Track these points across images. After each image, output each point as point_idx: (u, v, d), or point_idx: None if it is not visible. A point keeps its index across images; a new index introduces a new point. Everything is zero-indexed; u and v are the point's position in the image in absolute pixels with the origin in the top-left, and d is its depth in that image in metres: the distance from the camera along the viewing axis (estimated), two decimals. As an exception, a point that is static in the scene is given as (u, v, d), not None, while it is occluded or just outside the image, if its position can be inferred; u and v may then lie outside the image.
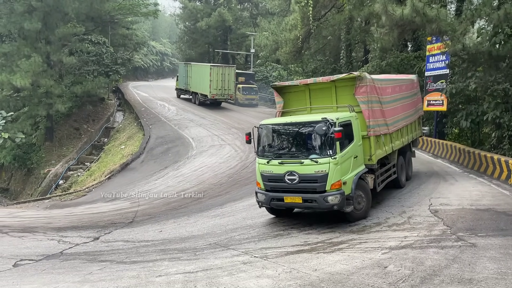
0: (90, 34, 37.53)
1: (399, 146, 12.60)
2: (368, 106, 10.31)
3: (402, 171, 13.26)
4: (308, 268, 6.88)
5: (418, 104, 15.27)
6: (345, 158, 9.53)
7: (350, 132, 9.85)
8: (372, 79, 10.67)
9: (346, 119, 9.83)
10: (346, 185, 9.43)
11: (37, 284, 7.45)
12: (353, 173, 9.74)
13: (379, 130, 10.78)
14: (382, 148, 11.11)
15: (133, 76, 68.88)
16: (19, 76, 27.42)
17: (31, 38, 30.13)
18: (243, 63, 56.86)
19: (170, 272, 7.54)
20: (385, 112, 11.27)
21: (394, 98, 12.30)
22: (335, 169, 9.22)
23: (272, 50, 35.66)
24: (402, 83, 13.48)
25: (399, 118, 12.50)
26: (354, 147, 9.89)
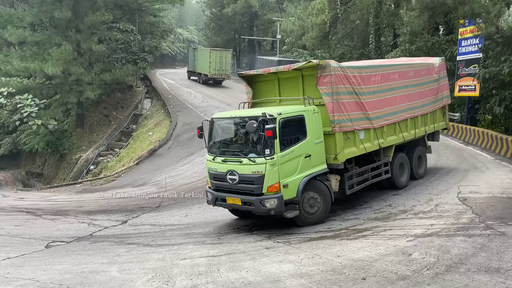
0: (118, 22, 38.03)
1: (395, 142, 11.18)
2: (333, 99, 9.15)
3: (403, 170, 11.75)
4: (331, 254, 6.86)
5: (441, 91, 13.09)
6: (289, 158, 8.57)
7: (302, 128, 8.86)
8: (342, 67, 9.46)
9: (294, 114, 8.82)
10: (289, 188, 8.51)
11: (67, 264, 7.74)
12: (302, 174, 8.74)
13: (350, 125, 9.54)
14: (359, 145, 9.88)
15: (161, 63, 69.57)
16: (51, 64, 28.15)
17: (61, 27, 30.80)
18: (269, 49, 56.51)
19: (194, 255, 7.68)
20: (366, 104, 9.98)
21: (387, 87, 10.76)
22: (272, 171, 8.33)
23: (298, 36, 35.29)
24: (405, 68, 11.73)
25: (395, 110, 11.02)
26: (305, 145, 8.83)
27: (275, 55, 48.95)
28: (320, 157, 9.16)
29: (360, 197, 11.07)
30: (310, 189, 8.94)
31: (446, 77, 13.53)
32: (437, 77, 12.94)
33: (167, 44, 67.79)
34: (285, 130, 8.62)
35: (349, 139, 9.62)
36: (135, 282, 6.37)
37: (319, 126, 9.14)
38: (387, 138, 10.87)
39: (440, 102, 13.09)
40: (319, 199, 9.09)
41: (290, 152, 8.64)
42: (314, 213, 9.08)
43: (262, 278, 6.09)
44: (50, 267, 7.61)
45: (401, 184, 11.61)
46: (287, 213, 8.58)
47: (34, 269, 7.53)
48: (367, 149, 10.10)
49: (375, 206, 10.25)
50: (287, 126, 8.65)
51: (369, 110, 10.06)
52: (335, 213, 9.95)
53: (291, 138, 8.76)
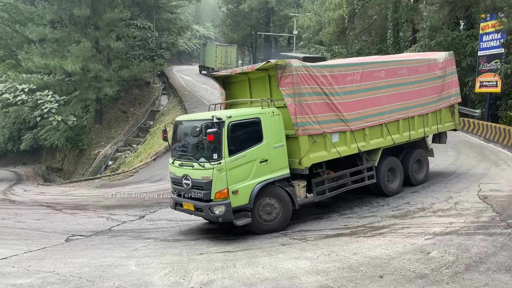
0: (136, 19, 38.37)
1: (383, 145, 10.40)
2: (295, 100, 8.67)
3: (394, 175, 10.90)
4: (348, 252, 6.82)
5: (447, 89, 11.98)
6: (239, 163, 8.19)
7: (257, 132, 8.47)
8: (306, 67, 8.93)
9: (248, 117, 8.47)
10: (239, 195, 8.14)
11: (86, 258, 7.89)
12: (256, 180, 8.33)
13: (318, 128, 9.00)
14: (330, 149, 9.27)
15: (177, 60, 70.01)
16: (70, 61, 28.58)
17: (80, 24, 31.22)
18: (286, 45, 56.26)
19: (210, 250, 7.73)
20: (340, 105, 9.39)
21: (369, 86, 10.06)
22: (219, 176, 8.00)
23: (315, 31, 35.01)
24: (395, 66, 10.82)
25: (381, 111, 10.25)
26: (260, 150, 8.42)
27: (291, 51, 48.75)
28: (280, 162, 8.70)
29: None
30: (267, 195, 8.53)
31: (454, 73, 12.40)
32: (441, 73, 11.81)
33: (183, 41, 68.13)
34: (236, 134, 8.25)
35: (317, 143, 9.03)
36: (152, 276, 6.46)
37: (279, 129, 8.70)
38: (370, 141, 10.10)
39: (446, 101, 11.97)
40: (277, 205, 8.64)
41: (241, 156, 8.23)
42: (272, 220, 8.64)
43: (278, 274, 6.09)
44: (70, 261, 7.76)
45: (389, 191, 10.71)
46: (237, 221, 8.20)
47: (54, 262, 7.70)
48: (341, 153, 9.45)
49: (393, 203, 10.13)
50: (238, 130, 8.30)
51: (344, 111, 9.46)
52: (352, 210, 9.88)
53: (243, 142, 8.36)
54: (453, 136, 18.76)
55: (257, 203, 8.47)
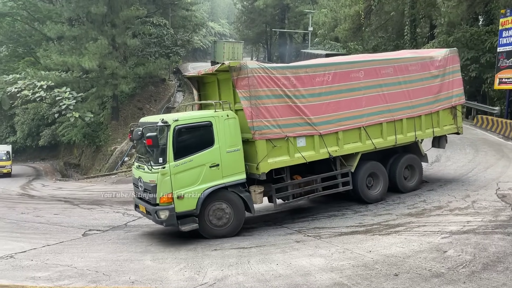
0: (152, 16, 38.65)
1: (361, 150, 9.81)
2: (251, 103, 8.36)
3: (376, 181, 10.27)
4: (362, 249, 6.78)
5: (447, 89, 11.08)
6: (186, 168, 8.02)
7: (208, 136, 8.29)
8: (264, 68, 8.61)
9: (197, 121, 8.33)
10: (184, 200, 7.97)
11: (103, 252, 8.01)
12: (206, 185, 8.14)
13: (278, 132, 8.65)
14: (294, 154, 8.87)
15: (193, 57, 70.27)
16: (87, 58, 28.98)
17: (97, 22, 31.61)
18: (301, 42, 55.99)
19: (225, 246, 7.77)
20: (306, 108, 8.98)
21: (344, 87, 9.53)
22: (163, 180, 7.89)
23: (331, 28, 34.76)
24: (377, 65, 10.09)
25: (359, 113, 9.68)
26: (210, 154, 8.23)
27: (306, 48, 48.48)
28: (235, 167, 8.45)
29: (393, 192, 10.85)
30: (218, 200, 8.36)
31: (457, 72, 11.37)
32: (438, 72, 10.92)
33: (199, 38, 68.34)
34: (184, 137, 8.11)
35: (277, 147, 8.67)
36: (167, 271, 6.52)
37: (234, 133, 8.46)
38: (345, 146, 9.57)
39: (445, 102, 11.04)
40: (229, 211, 8.43)
41: (188, 161, 8.05)
42: (223, 225, 8.44)
43: (292, 271, 6.09)
44: (86, 255, 7.89)
45: (369, 198, 10.08)
46: (182, 226, 8.07)
47: (71, 256, 7.84)
48: (307, 158, 9.01)
49: (409, 201, 10.02)
50: (186, 134, 8.15)
51: (311, 114, 9.03)
52: (367, 208, 9.81)
53: (192, 146, 8.19)
54: (471, 134, 18.49)
55: (208, 207, 8.29)
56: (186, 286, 5.76)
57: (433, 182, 11.69)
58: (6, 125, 42.81)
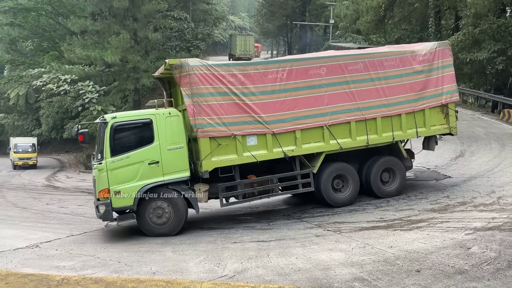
0: (173, 10, 38.84)
1: (324, 150, 9.36)
2: (193, 101, 8.36)
3: (345, 184, 9.75)
4: (383, 245, 6.69)
5: (434, 86, 10.21)
6: (123, 164, 8.17)
7: (148, 133, 8.39)
8: (207, 66, 8.58)
9: (136, 118, 8.53)
10: (121, 195, 8.11)
11: (125, 243, 8.18)
12: (143, 181, 8.22)
13: (223, 129, 8.55)
14: (243, 152, 8.71)
15: (213, 51, 70.43)
16: (110, 53, 29.35)
17: (119, 16, 31.94)
18: (322, 34, 55.43)
19: (244, 239, 7.80)
20: (256, 105, 8.79)
21: (302, 84, 9.15)
22: (100, 176, 8.18)
23: (352, 20, 34.26)
24: (343, 61, 9.58)
25: (321, 112, 9.25)
26: (150, 151, 8.32)
27: (327, 41, 47.91)
28: (177, 164, 8.48)
29: (415, 187, 10.69)
30: (158, 198, 8.37)
31: (448, 66, 10.39)
32: (422, 68, 10.12)
33: (219, 32, 68.49)
34: (122, 135, 8.31)
35: (223, 145, 8.56)
36: (188, 263, 6.59)
37: (176, 131, 8.51)
38: (304, 146, 9.19)
39: (432, 100, 10.17)
40: (168, 209, 8.41)
41: (126, 157, 8.19)
42: (163, 224, 8.43)
43: (312, 265, 6.06)
44: (109, 245, 8.05)
45: (334, 201, 9.62)
46: (120, 221, 8.31)
47: (95, 246, 8.01)
48: (258, 158, 8.79)
49: (432, 197, 9.84)
50: (124, 131, 8.34)
51: (262, 112, 8.82)
52: (388, 203, 9.68)
53: (130, 143, 8.36)
54: (497, 128, 18.03)
55: (149, 205, 8.33)
56: (206, 277, 5.80)
57: (457, 177, 11.44)
58: (31, 118, 43.82)
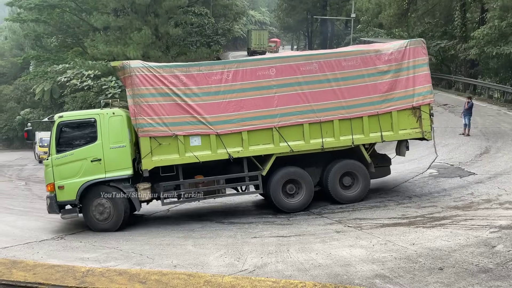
0: (193, 5, 39.02)
1: (274, 152, 9.17)
2: (134, 101, 8.61)
3: (298, 188, 9.47)
4: (405, 242, 6.61)
5: (403, 87, 9.56)
6: (67, 161, 8.66)
7: (92, 132, 8.81)
8: (148, 67, 8.75)
9: (81, 117, 8.99)
10: (65, 190, 8.63)
11: (147, 236, 8.31)
12: (86, 178, 8.65)
13: (164, 129, 8.70)
14: (185, 153, 8.79)
15: (233, 46, 70.44)
16: (132, 48, 29.72)
17: (141, 12, 32.26)
18: (343, 29, 54.78)
19: (264, 234, 7.82)
20: (199, 106, 8.85)
21: (248, 86, 9.06)
22: (46, 171, 8.77)
23: (374, 14, 33.75)
24: (295, 61, 9.30)
25: (270, 113, 9.07)
26: (92, 149, 8.74)
27: (348, 35, 47.31)
28: (119, 163, 8.79)
29: (438, 184, 10.50)
30: (100, 194, 8.75)
31: (422, 66, 9.62)
32: (389, 68, 9.51)
33: (239, 27, 68.39)
34: (67, 133, 8.82)
35: (164, 145, 8.71)
36: (208, 257, 6.65)
37: (120, 130, 8.83)
38: (251, 147, 9.09)
39: (401, 102, 9.53)
40: (108, 206, 8.75)
41: (69, 154, 8.70)
42: (104, 220, 8.79)
43: (332, 261, 6.04)
44: (131, 238, 8.20)
45: (284, 206, 9.38)
46: (63, 215, 8.80)
47: (117, 239, 8.17)
48: (201, 158, 8.86)
49: (455, 194, 9.65)
50: (70, 129, 8.85)
51: (205, 113, 8.86)
52: (410, 200, 9.55)
53: (75, 141, 8.84)
54: (524, 124, 17.48)
55: (92, 201, 8.75)
56: (226, 272, 5.84)
57: (482, 174, 11.17)
58: (56, 113, 44.91)
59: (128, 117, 8.91)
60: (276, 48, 64.19)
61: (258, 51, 51.40)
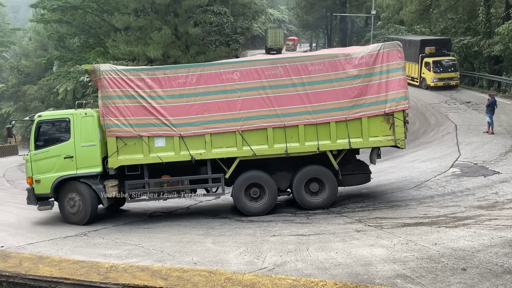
0: (212, 4, 39.15)
1: (233, 156, 9.23)
2: (103, 103, 9.09)
3: (262, 193, 9.45)
4: (427, 242, 6.51)
5: (374, 93, 9.13)
6: (43, 157, 9.41)
7: (66, 131, 9.47)
8: (116, 70, 9.17)
9: (57, 117, 9.70)
10: (41, 184, 9.38)
11: (167, 234, 8.41)
12: (59, 173, 9.35)
13: (129, 130, 9.07)
14: (149, 153, 9.09)
15: (252, 44, 70.49)
16: (152, 48, 30.05)
17: (161, 12, 32.59)
18: (363, 26, 54.19)
19: (283, 233, 7.81)
20: (163, 108, 9.07)
21: (212, 89, 9.13)
22: (26, 166, 9.60)
23: (395, 10, 33.27)
24: (259, 65, 9.21)
25: (234, 117, 9.11)
26: (65, 147, 9.39)
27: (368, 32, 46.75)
28: (90, 160, 9.37)
29: (461, 183, 10.31)
30: (72, 189, 9.43)
31: (396, 70, 9.14)
32: (359, 72, 9.13)
33: (258, 25, 68.39)
34: (44, 131, 9.61)
35: (130, 145, 9.10)
36: (228, 254, 6.69)
37: (91, 130, 9.42)
38: (215, 150, 9.19)
39: (372, 108, 9.13)
40: (77, 200, 9.39)
41: (45, 151, 9.44)
42: (75, 213, 9.45)
43: (352, 260, 6.00)
44: (152, 235, 8.31)
45: (247, 210, 9.43)
46: (40, 206, 9.55)
47: (139, 236, 8.30)
48: (165, 159, 9.13)
49: (479, 193, 9.46)
50: (47, 128, 9.64)
51: (169, 115, 9.09)
52: (432, 199, 9.40)
53: (51, 138, 9.59)
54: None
55: (65, 195, 9.46)
56: (246, 269, 5.87)
57: (507, 173, 10.91)
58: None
59: (99, 118, 9.38)
60: (294, 46, 63.94)
61: (274, 48, 53.80)
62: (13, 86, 55.82)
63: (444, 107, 21.61)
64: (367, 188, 11.02)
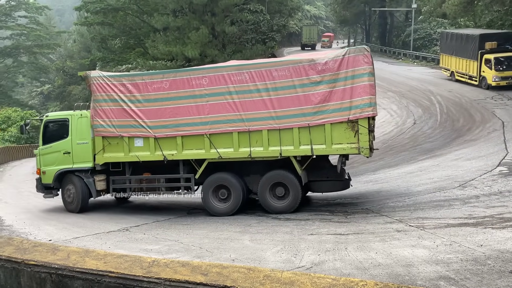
0: (249, 3, 39.28)
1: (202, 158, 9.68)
2: (93, 105, 10.24)
3: (228, 195, 9.69)
4: (472, 243, 6.27)
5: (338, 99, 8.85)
6: (48, 151, 10.92)
7: (66, 129, 10.75)
8: (103, 76, 10.15)
9: (59, 117, 11.24)
10: (46, 175, 10.89)
11: (205, 230, 8.55)
12: (59, 167, 10.73)
13: (112, 131, 10.09)
14: (129, 152, 10.04)
15: (288, 42, 70.14)
16: (190, 47, 30.59)
17: (199, 12, 33.09)
18: (403, 20, 52.75)
19: (321, 232, 7.75)
20: (141, 112, 9.90)
21: (183, 94, 9.63)
22: (36, 158, 11.23)
23: (438, 3, 32.14)
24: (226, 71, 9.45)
25: (202, 120, 9.50)
26: (64, 144, 10.72)
27: (409, 26, 45.42)
28: (84, 156, 10.57)
29: (509, 182, 9.85)
30: (69, 181, 10.67)
31: (362, 76, 8.78)
32: (322, 78, 8.93)
33: (294, 22, 67.96)
34: (49, 129, 11.09)
35: (113, 144, 10.17)
36: (265, 252, 6.71)
37: (85, 129, 10.58)
38: (185, 151, 9.75)
39: (335, 115, 8.87)
40: (72, 191, 10.67)
41: (49, 147, 10.91)
42: (71, 202, 10.77)
43: (393, 261, 5.87)
44: (191, 231, 8.48)
45: (212, 210, 9.79)
46: (45, 195, 11.12)
47: (178, 232, 8.49)
48: (141, 158, 10.02)
49: (528, 193, 9.01)
50: (51, 126, 11.10)
51: (146, 118, 9.85)
52: (478, 199, 9.04)
53: (54, 136, 10.94)
54: None
55: (65, 186, 10.78)
56: (283, 267, 5.87)
57: (559, 172, 10.34)
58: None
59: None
60: (329, 43, 63.19)
61: (308, 44, 57.44)
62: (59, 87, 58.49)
63: (490, 103, 20.70)
64: (408, 186, 10.74)
